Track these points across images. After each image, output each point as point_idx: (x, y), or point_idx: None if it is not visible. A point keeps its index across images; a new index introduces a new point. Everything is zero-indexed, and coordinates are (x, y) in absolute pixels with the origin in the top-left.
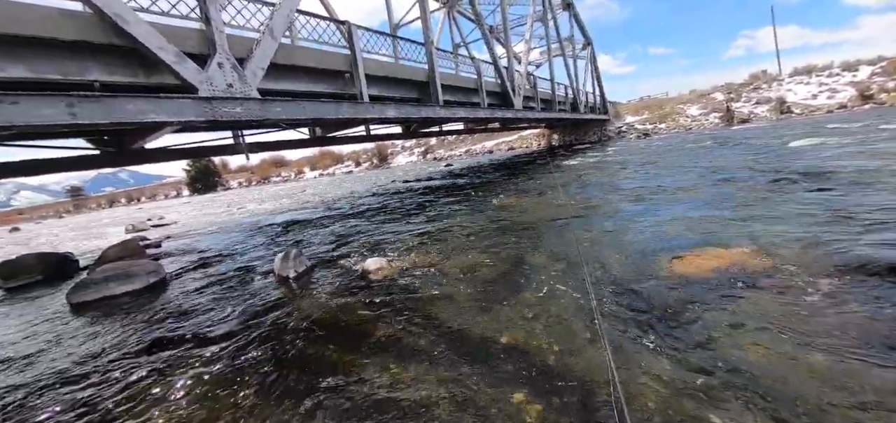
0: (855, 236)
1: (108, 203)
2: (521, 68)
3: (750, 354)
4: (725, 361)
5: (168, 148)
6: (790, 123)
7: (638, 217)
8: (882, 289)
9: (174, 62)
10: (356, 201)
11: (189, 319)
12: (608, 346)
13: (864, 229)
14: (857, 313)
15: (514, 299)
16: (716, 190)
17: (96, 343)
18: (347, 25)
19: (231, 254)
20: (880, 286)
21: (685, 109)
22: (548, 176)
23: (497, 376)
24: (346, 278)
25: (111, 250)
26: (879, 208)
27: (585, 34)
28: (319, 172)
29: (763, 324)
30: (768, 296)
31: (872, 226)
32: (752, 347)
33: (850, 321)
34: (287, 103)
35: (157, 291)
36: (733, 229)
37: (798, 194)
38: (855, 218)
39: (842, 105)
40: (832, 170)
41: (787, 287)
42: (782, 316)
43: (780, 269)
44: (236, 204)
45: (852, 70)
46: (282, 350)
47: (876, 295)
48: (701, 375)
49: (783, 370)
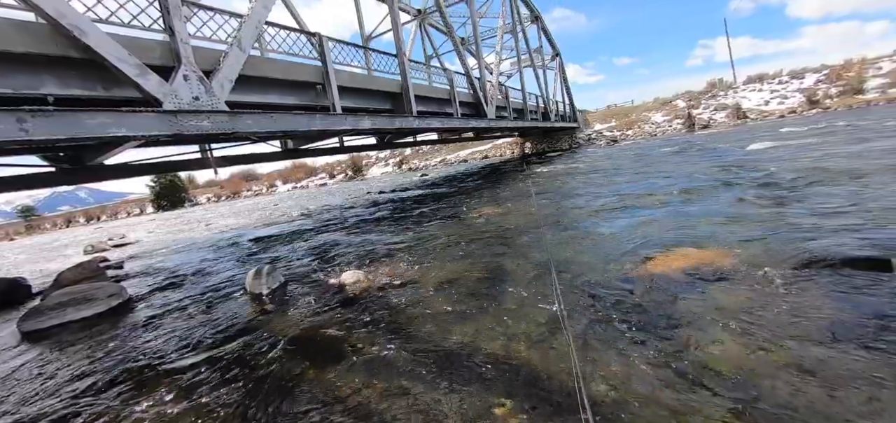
0: (812, 232)
1: (65, 223)
2: (493, 79)
3: (716, 347)
4: (692, 354)
5: (130, 163)
6: (747, 128)
7: (608, 222)
8: (839, 280)
9: (136, 75)
10: (331, 214)
11: (155, 343)
12: (572, 343)
13: (820, 225)
14: (816, 304)
15: (491, 308)
16: (681, 193)
17: (51, 376)
18: (318, 37)
19: (199, 272)
20: (837, 278)
21: (650, 116)
22: (521, 184)
23: (477, 387)
24: (323, 293)
25: (68, 273)
26: (833, 205)
27: (554, 46)
28: (292, 186)
29: (730, 318)
30: (734, 291)
31: (827, 222)
32: (718, 340)
33: (810, 312)
34: (258, 116)
35: (120, 314)
36: (699, 230)
37: (758, 195)
38: (811, 215)
39: (792, 110)
40: (788, 171)
41: (752, 283)
42: (747, 309)
43: (745, 266)
44: (205, 220)
45: (799, 78)
46: (254, 373)
47: (834, 286)
48: (666, 368)
49: (750, 361)
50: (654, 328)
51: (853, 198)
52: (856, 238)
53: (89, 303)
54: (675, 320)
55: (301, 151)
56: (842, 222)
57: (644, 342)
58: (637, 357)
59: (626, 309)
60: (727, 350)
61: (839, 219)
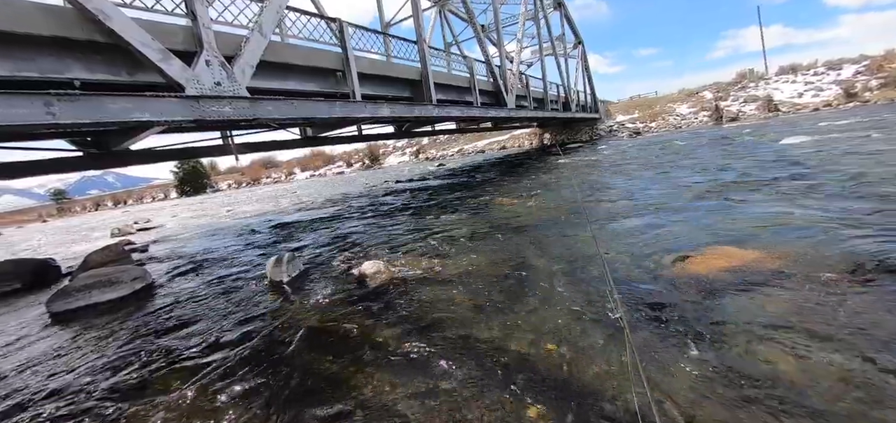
0: (860, 234)
1: (94, 206)
2: (514, 67)
3: (770, 358)
4: (747, 365)
5: (154, 149)
6: (778, 122)
7: (637, 217)
8: (889, 285)
9: (159, 59)
10: (349, 203)
11: (175, 328)
12: (635, 351)
13: (868, 226)
14: (873, 312)
15: (516, 303)
16: (714, 189)
17: (76, 356)
18: (339, 23)
19: (221, 258)
20: (887, 284)
21: (675, 107)
22: (541, 175)
23: (505, 388)
24: (342, 282)
25: (95, 256)
26: (882, 206)
27: (576, 33)
28: (310, 173)
29: (779, 326)
30: (782, 296)
31: (876, 223)
32: (768, 351)
33: (866, 321)
34: (278, 102)
35: (143, 297)
36: (738, 229)
37: (797, 192)
38: (860, 216)
39: (827, 103)
40: (828, 168)
41: (800, 287)
42: (798, 318)
43: (791, 268)
44: (226, 206)
45: (836, 69)
46: (273, 363)
47: (891, 293)
48: (724, 380)
49: (806, 374)
50: (695, 333)
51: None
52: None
53: (114, 286)
54: (719, 326)
55: (320, 139)
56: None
57: (685, 349)
58: (681, 365)
59: (664, 312)
60: (777, 362)
61: (890, 220)
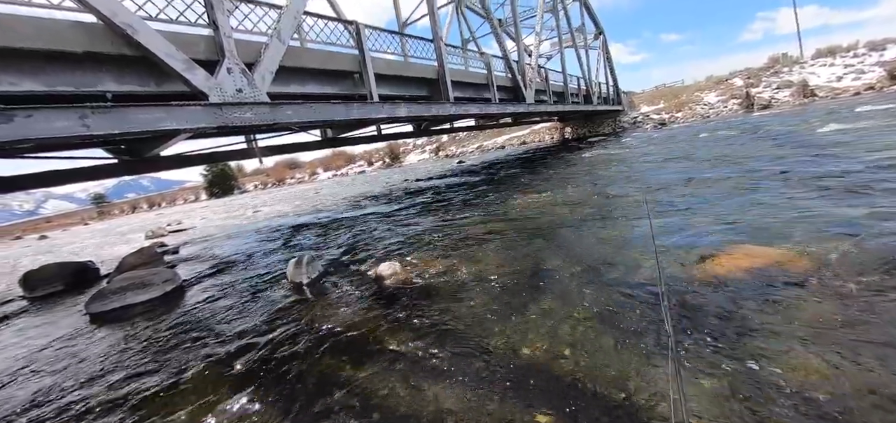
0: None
1: (131, 209)
2: (532, 61)
3: (790, 364)
4: (779, 374)
5: (183, 155)
6: (815, 108)
7: (659, 214)
8: None
9: (183, 69)
10: (369, 202)
11: (200, 330)
12: (673, 361)
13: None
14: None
15: (535, 305)
16: (741, 183)
17: (110, 355)
18: (355, 25)
19: (245, 259)
20: None
21: (702, 96)
22: (561, 171)
23: (520, 393)
24: (360, 283)
25: (129, 258)
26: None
27: (597, 23)
28: (333, 173)
29: (805, 331)
30: (808, 299)
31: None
32: (794, 356)
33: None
34: (297, 106)
35: (173, 299)
36: (764, 226)
37: (830, 186)
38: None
39: (870, 86)
40: (867, 158)
41: (829, 290)
42: (825, 323)
43: (820, 269)
44: (252, 207)
45: (879, 50)
46: (292, 362)
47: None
48: (734, 385)
49: (839, 382)
50: (719, 338)
51: None
52: None
53: (146, 288)
54: (743, 330)
55: (340, 140)
56: None
57: (710, 355)
58: (705, 372)
59: (688, 315)
60: (801, 367)
61: None
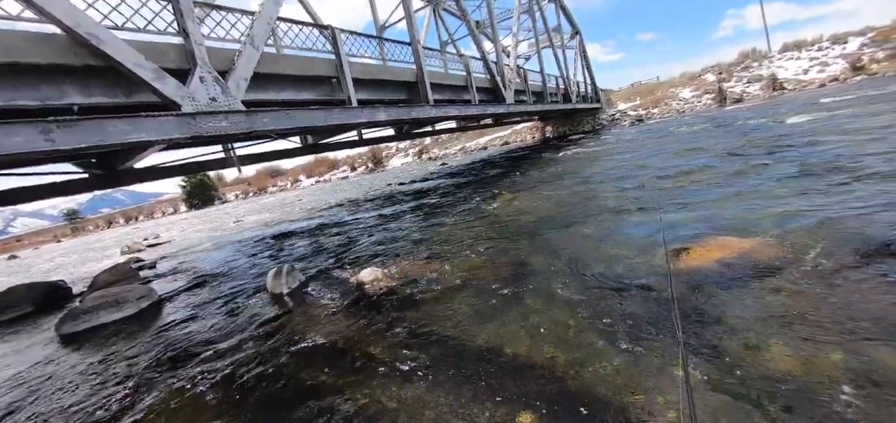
0: (867, 216)
1: (106, 224)
2: (511, 62)
3: (764, 356)
4: (750, 364)
5: (158, 166)
6: (784, 100)
7: (635, 209)
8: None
9: (153, 79)
10: (351, 208)
11: (176, 347)
12: (684, 359)
13: (876, 208)
14: (878, 302)
15: (517, 306)
16: (714, 176)
17: (80, 378)
18: (331, 30)
19: (224, 272)
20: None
21: (677, 92)
22: (541, 170)
23: (503, 394)
24: (341, 291)
25: (103, 276)
26: (888, 186)
27: (573, 23)
28: (315, 180)
29: (777, 320)
30: (780, 288)
31: (883, 204)
32: (767, 347)
33: (871, 312)
34: (274, 113)
35: (149, 316)
36: (737, 216)
37: (798, 175)
38: (864, 196)
39: (834, 78)
40: (832, 147)
41: (800, 277)
42: (797, 310)
43: (791, 257)
44: (232, 217)
45: (841, 42)
46: (273, 374)
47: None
48: (713, 382)
49: (804, 372)
50: (692, 332)
51: None
52: None
53: (120, 306)
54: (716, 322)
55: (321, 146)
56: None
57: (675, 347)
58: (670, 362)
59: (658, 311)
60: (776, 360)
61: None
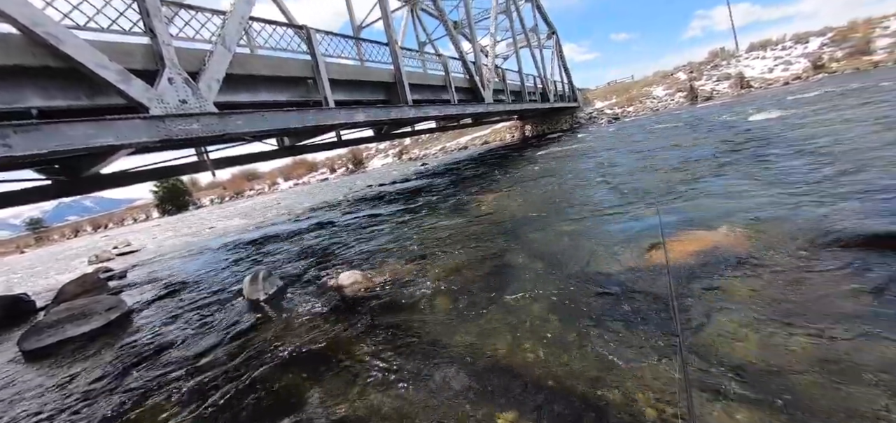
0: (828, 206)
1: (73, 232)
2: (489, 62)
3: (740, 343)
4: (719, 353)
5: (128, 171)
6: (750, 98)
7: (613, 206)
8: (858, 260)
9: (119, 81)
10: (330, 211)
11: (148, 359)
12: (682, 351)
13: (836, 198)
14: (841, 288)
15: (497, 305)
16: (687, 172)
17: (46, 399)
18: (306, 30)
19: (199, 279)
20: (860, 257)
21: (651, 90)
22: (520, 169)
23: (483, 394)
24: (320, 295)
25: (69, 287)
26: (846, 180)
27: (549, 24)
28: (294, 182)
29: (750, 308)
30: (752, 278)
31: (842, 194)
32: (739, 335)
33: (835, 298)
34: (248, 115)
35: (118, 328)
36: (710, 210)
37: (765, 169)
38: (824, 191)
39: (797, 76)
40: (795, 142)
41: (770, 267)
42: (768, 298)
43: (761, 248)
44: (207, 223)
45: (803, 42)
46: (249, 385)
47: (854, 267)
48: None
49: (776, 358)
50: (664, 324)
51: (865, 168)
52: (875, 211)
53: (87, 318)
54: (691, 312)
55: (298, 148)
56: (858, 194)
57: (657, 340)
58: (652, 357)
59: (635, 305)
60: (750, 346)
61: (854, 190)
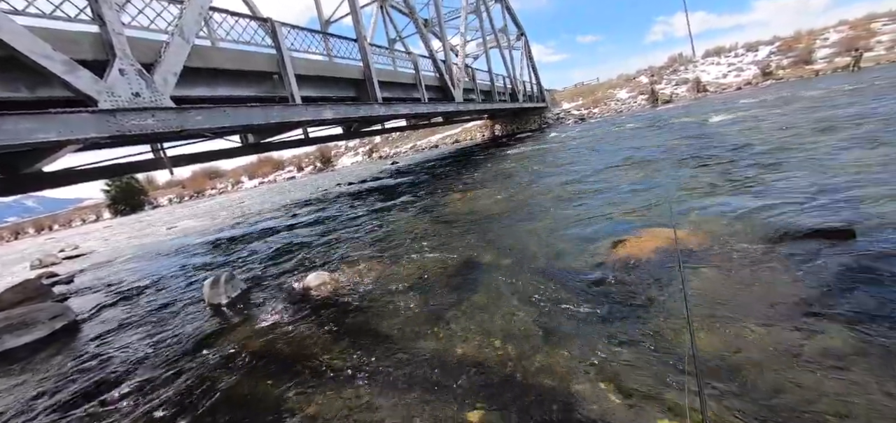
0: (776, 203)
1: (13, 235)
2: (459, 61)
3: (696, 336)
4: (669, 344)
5: (75, 169)
6: (707, 101)
7: (577, 204)
8: (806, 252)
9: (64, 72)
10: (297, 210)
11: (97, 371)
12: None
13: (782, 195)
14: (786, 278)
15: (465, 303)
16: (649, 171)
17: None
18: (271, 23)
19: (155, 283)
20: (804, 250)
21: (615, 93)
22: (491, 168)
23: (453, 392)
24: (286, 298)
25: (7, 294)
26: (789, 176)
27: (518, 25)
28: (259, 181)
29: (702, 300)
30: (706, 272)
31: (788, 192)
32: (696, 328)
33: (782, 288)
34: (209, 111)
35: (65, 338)
36: (669, 208)
37: (717, 168)
38: (772, 186)
39: (748, 82)
40: (746, 143)
41: (722, 261)
42: (721, 291)
43: (714, 243)
44: (165, 223)
45: (754, 51)
46: (208, 396)
47: (801, 259)
48: (640, 361)
49: (728, 346)
50: (628, 316)
51: (807, 168)
52: (817, 207)
53: (29, 328)
54: (647, 306)
55: (263, 146)
56: (802, 192)
57: (618, 332)
58: (613, 349)
59: (601, 299)
60: (702, 335)
61: (798, 188)
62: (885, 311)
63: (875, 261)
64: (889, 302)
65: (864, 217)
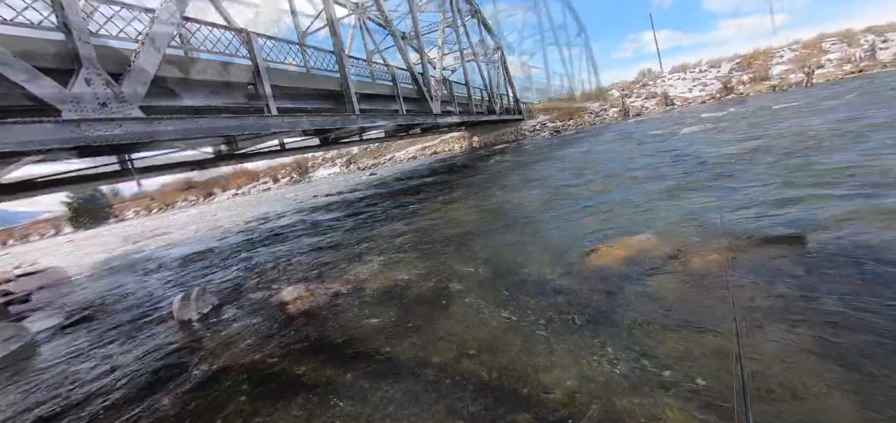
0: (738, 212)
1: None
2: (437, 73)
3: (659, 340)
4: (637, 348)
5: (34, 179)
6: (674, 115)
7: (554, 215)
8: (765, 258)
9: (25, 80)
10: (272, 223)
11: (53, 397)
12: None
13: (743, 205)
14: (746, 282)
15: (444, 314)
16: (620, 181)
17: None
18: (246, 33)
19: (120, 300)
20: (760, 257)
21: (588, 106)
22: (468, 180)
23: (430, 405)
24: (261, 313)
25: None
26: (751, 185)
27: (494, 38)
28: (233, 193)
29: (669, 307)
30: (671, 279)
31: (753, 203)
32: (660, 332)
33: (743, 293)
34: (180, 121)
35: (20, 360)
36: (639, 218)
37: (683, 178)
38: (737, 196)
39: (712, 97)
40: (710, 154)
41: (687, 268)
42: (685, 297)
43: (680, 251)
44: (131, 238)
45: (716, 67)
46: (178, 415)
47: (759, 265)
48: (611, 365)
49: (692, 351)
50: (599, 322)
51: (768, 176)
52: (773, 216)
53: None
54: (618, 314)
55: (238, 156)
56: (761, 201)
57: (589, 340)
58: (584, 354)
59: (574, 306)
60: (668, 342)
61: (758, 197)
62: (831, 315)
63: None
64: (831, 302)
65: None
